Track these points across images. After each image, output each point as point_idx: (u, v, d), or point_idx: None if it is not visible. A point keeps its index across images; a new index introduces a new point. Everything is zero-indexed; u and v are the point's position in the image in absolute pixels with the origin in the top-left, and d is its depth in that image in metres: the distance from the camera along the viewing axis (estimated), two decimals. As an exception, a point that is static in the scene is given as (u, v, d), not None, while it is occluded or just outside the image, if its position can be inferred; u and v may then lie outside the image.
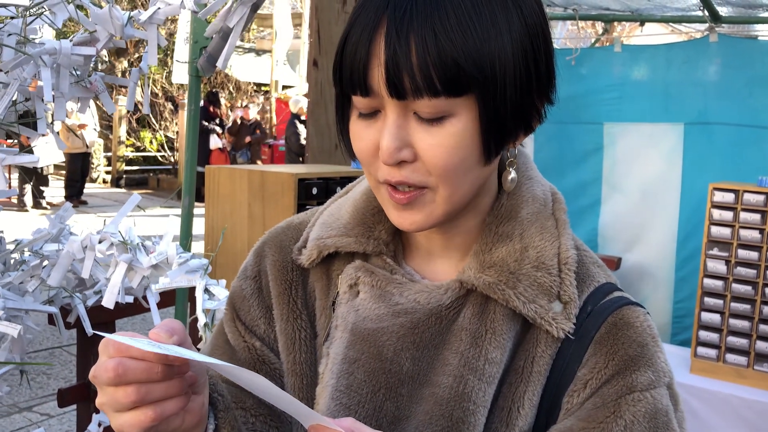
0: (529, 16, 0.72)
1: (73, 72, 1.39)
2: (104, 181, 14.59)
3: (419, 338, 0.79)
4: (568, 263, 0.79)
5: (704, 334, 3.27)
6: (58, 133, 1.43)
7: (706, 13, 3.99)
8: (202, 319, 1.33)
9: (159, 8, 1.29)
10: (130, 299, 1.50)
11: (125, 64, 14.85)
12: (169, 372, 0.63)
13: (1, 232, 1.51)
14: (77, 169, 11.21)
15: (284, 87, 13.52)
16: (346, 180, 2.72)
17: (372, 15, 0.68)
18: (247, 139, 12.49)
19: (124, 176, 14.44)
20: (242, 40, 17.10)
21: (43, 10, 1.27)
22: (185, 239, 2.59)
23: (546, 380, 0.78)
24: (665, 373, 0.78)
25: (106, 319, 2.69)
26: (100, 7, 1.29)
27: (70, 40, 1.24)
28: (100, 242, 1.37)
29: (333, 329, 0.83)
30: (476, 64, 0.67)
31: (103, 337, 0.63)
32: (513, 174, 0.81)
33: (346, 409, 0.79)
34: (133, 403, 0.62)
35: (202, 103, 12.30)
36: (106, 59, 13.88)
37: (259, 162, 12.25)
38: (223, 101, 13.75)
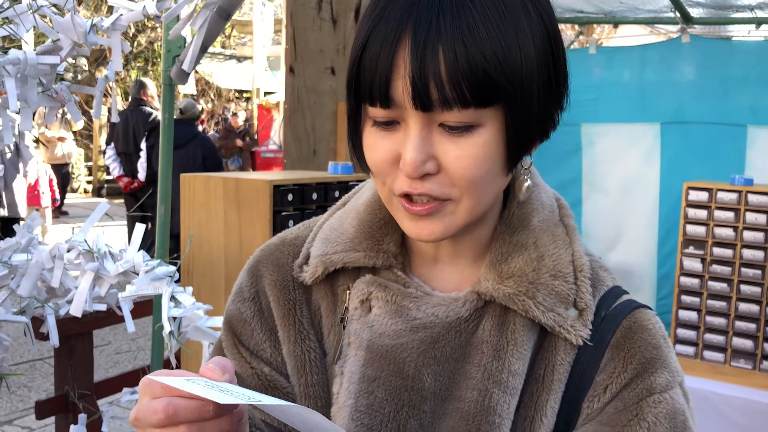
0: (548, 22, 0.72)
1: (40, 81, 1.39)
2: (85, 191, 14.49)
3: (440, 353, 0.77)
4: (583, 270, 0.80)
5: (682, 332, 3.30)
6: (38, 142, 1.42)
7: (678, 14, 4.04)
8: (167, 328, 1.32)
9: (121, 15, 1.29)
10: (102, 307, 1.50)
11: (105, 72, 14.77)
12: (220, 410, 0.61)
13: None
14: (57, 180, 11.15)
15: (266, 93, 13.50)
16: (321, 186, 2.72)
17: (393, 25, 0.66)
18: (239, 143, 12.42)
19: (105, 186, 14.34)
20: (223, 47, 17.07)
21: (6, 20, 1.27)
22: (162, 248, 2.58)
23: (565, 387, 0.78)
24: (678, 373, 0.79)
25: (82, 329, 2.68)
26: (63, 15, 1.29)
27: (34, 50, 1.24)
28: (68, 251, 1.37)
29: (345, 347, 0.81)
30: (505, 74, 0.66)
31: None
32: (529, 182, 0.81)
33: (368, 429, 0.77)
34: None
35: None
36: (86, 68, 13.79)
37: (250, 169, 12.20)
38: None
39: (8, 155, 1.34)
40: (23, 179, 6.55)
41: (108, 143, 7.03)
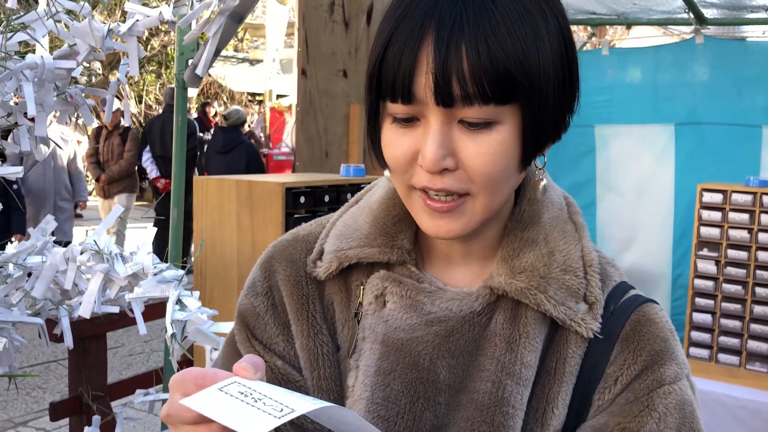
0: (564, 26, 0.74)
1: (55, 86, 1.40)
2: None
3: (454, 346, 0.79)
4: (592, 265, 0.82)
5: (696, 335, 3.28)
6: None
7: (692, 15, 4.01)
8: (170, 330, 1.33)
9: (138, 20, 1.30)
10: (114, 310, 1.51)
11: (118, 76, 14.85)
12: None
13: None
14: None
15: (278, 96, 13.52)
16: (334, 188, 2.72)
17: (417, 23, 0.68)
18: None
19: (120, 188, 14.39)
20: (236, 50, 17.14)
21: (23, 25, 1.28)
22: (175, 251, 2.59)
23: (576, 379, 0.80)
24: (685, 365, 0.82)
25: (95, 331, 2.70)
26: (79, 20, 1.30)
27: (51, 54, 1.25)
28: (81, 253, 1.38)
29: (360, 341, 0.83)
30: (525, 72, 0.68)
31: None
32: (545, 181, 0.83)
33: (384, 421, 0.78)
34: None
35: (196, 114, 12.30)
36: (100, 72, 13.89)
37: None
38: (214, 110, 13.73)
39: (35, 155, 1.35)
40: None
41: (143, 147, 7.34)
